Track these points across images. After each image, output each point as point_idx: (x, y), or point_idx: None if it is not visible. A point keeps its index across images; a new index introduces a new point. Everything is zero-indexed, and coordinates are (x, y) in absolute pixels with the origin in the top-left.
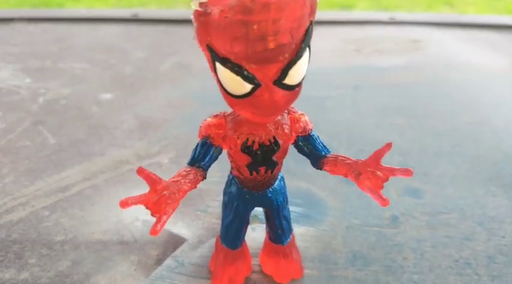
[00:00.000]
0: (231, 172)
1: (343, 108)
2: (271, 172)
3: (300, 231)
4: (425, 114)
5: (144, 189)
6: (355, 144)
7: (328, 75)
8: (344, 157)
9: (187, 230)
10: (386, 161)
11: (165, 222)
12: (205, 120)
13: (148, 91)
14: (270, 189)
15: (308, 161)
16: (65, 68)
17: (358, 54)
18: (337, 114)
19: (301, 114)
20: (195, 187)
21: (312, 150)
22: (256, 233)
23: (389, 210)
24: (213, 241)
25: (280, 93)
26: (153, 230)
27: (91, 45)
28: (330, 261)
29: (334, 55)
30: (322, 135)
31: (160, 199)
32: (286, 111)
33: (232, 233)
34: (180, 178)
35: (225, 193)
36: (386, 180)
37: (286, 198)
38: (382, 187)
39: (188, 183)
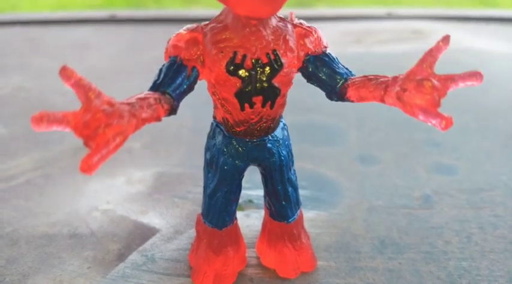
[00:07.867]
0: (214, 118)
1: None
2: (271, 107)
3: (308, 216)
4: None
5: (112, 177)
6: (367, 124)
7: None
8: (376, 75)
9: (160, 219)
10: (407, 137)
11: (105, 157)
12: (175, 34)
13: (120, 82)
14: (269, 137)
15: (309, 138)
16: (32, 64)
17: (359, 44)
18: None
19: (311, 28)
20: (158, 118)
21: (330, 74)
22: (251, 220)
23: (418, 189)
24: (194, 232)
25: None
26: (84, 164)
27: (64, 44)
28: (351, 249)
29: (334, 46)
30: (330, 118)
31: (96, 118)
32: (291, 23)
33: (218, 204)
34: (135, 100)
35: (207, 149)
36: (445, 93)
37: (292, 155)
38: (439, 105)
39: (146, 107)
